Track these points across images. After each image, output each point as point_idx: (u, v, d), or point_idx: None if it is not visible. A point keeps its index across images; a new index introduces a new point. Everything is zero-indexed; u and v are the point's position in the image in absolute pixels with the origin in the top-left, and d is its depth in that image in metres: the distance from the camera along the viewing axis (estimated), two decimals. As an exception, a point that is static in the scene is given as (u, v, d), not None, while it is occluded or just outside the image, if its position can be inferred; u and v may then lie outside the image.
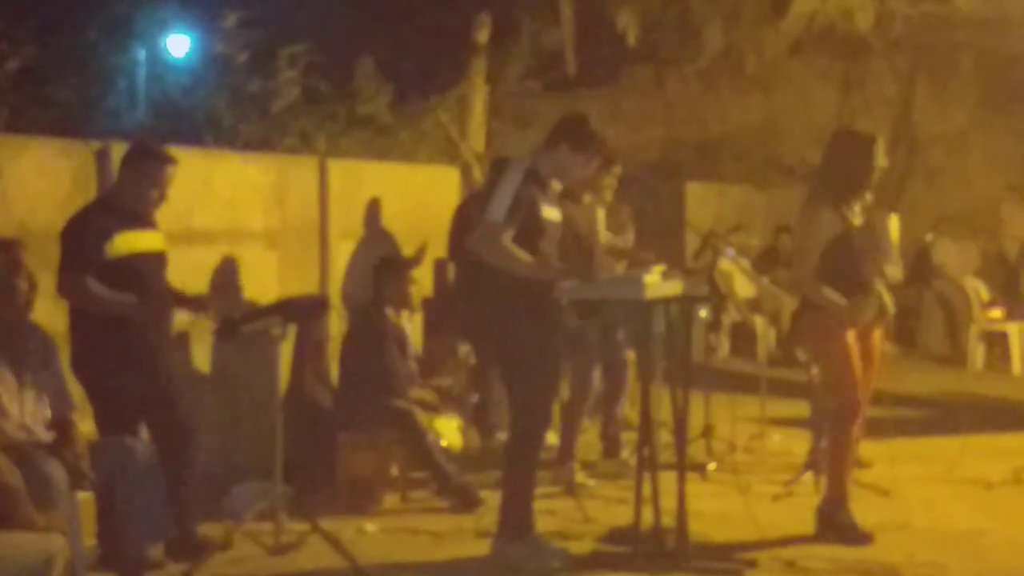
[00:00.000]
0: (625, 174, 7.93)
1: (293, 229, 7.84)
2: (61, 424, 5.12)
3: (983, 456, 7.78)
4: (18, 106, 9.10)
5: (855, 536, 6.00)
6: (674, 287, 5.81)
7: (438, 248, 8.40)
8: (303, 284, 7.73)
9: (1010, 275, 13.06)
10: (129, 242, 5.64)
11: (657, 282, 5.65)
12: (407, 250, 8.19)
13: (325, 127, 9.42)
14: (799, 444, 7.53)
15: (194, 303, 6.04)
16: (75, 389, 5.49)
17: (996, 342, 12.62)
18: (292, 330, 6.33)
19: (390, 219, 8.42)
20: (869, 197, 6.30)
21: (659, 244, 7.99)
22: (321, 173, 8.02)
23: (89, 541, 5.25)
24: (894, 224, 6.85)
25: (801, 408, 7.64)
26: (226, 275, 7.19)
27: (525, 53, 11.67)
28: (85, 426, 5.44)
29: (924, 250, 13.41)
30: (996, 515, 6.54)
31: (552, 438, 7.46)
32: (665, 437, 6.91)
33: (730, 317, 12.02)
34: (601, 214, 7.65)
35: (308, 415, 7.19)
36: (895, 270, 7.05)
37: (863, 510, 6.53)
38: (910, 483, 7.27)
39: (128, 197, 5.74)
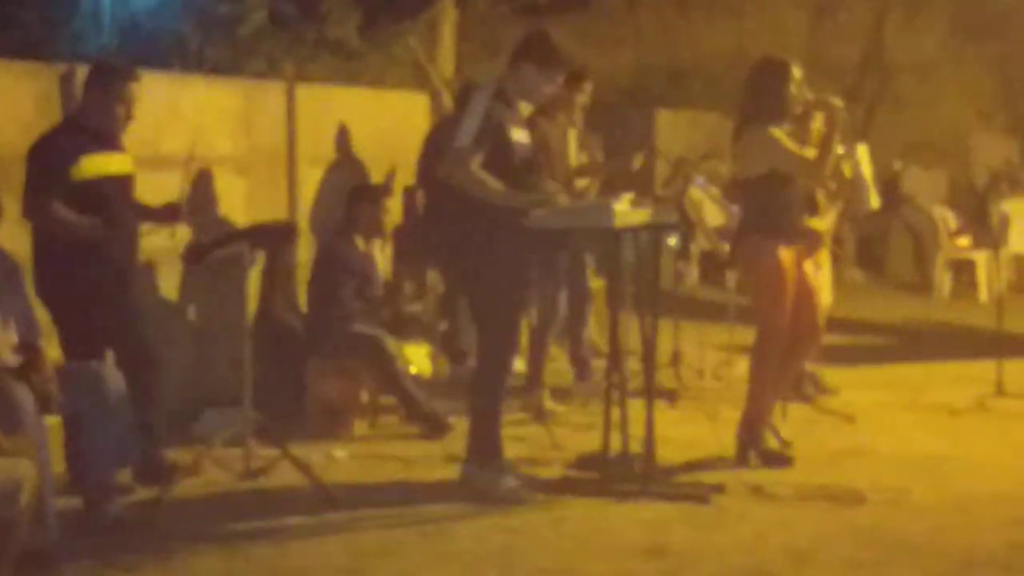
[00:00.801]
0: (595, 100, 7.89)
1: (261, 154, 7.78)
2: (28, 348, 5.09)
3: (948, 383, 7.91)
4: (-21, 29, 8.96)
5: (779, 460, 6.11)
6: (643, 215, 5.81)
7: (407, 175, 8.35)
8: (271, 210, 7.68)
9: (979, 203, 13.14)
10: (96, 165, 5.61)
11: (626, 210, 5.65)
12: (376, 176, 8.15)
13: (293, 51, 9.30)
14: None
15: (164, 213, 5.99)
16: (41, 314, 5.46)
17: (963, 270, 12.73)
18: (261, 256, 6.31)
19: (359, 145, 8.37)
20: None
21: (629, 171, 7.96)
22: (289, 98, 7.93)
23: (58, 466, 5.25)
24: (863, 154, 6.88)
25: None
26: (194, 199, 7.13)
27: (495, -23, 11.56)
28: (51, 351, 5.42)
29: (893, 178, 13.46)
30: (959, 441, 6.63)
31: (520, 365, 7.50)
32: (634, 364, 6.97)
33: (699, 245, 12.04)
34: (573, 135, 7.63)
35: (277, 341, 7.20)
36: (872, 199, 7.11)
37: (829, 435, 6.64)
38: (875, 409, 7.36)
39: (94, 117, 5.70)
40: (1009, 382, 7.38)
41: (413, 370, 7.02)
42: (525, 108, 5.86)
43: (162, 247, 6.53)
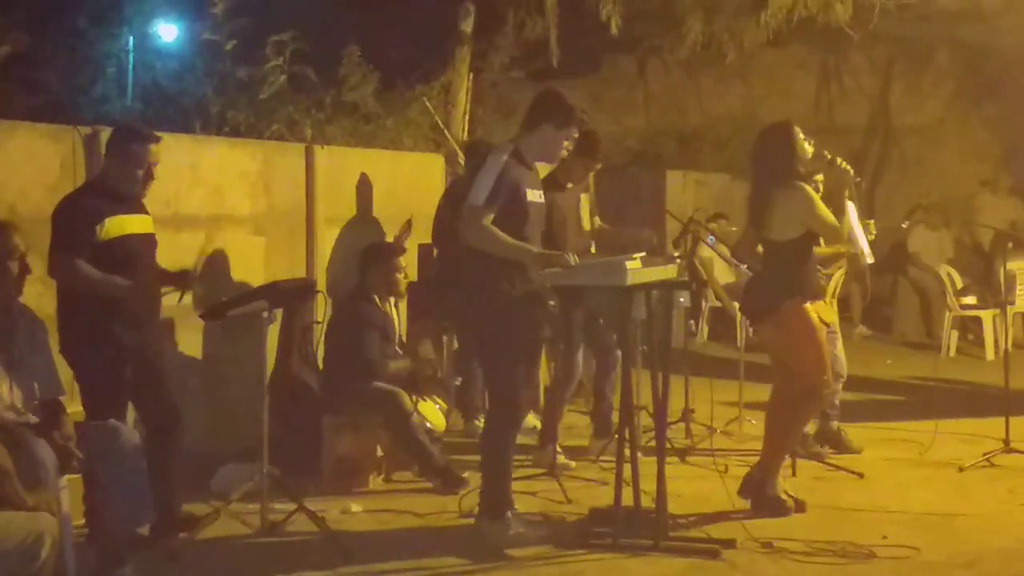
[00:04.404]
0: (606, 162, 8.01)
1: (280, 215, 7.90)
2: (50, 406, 5.18)
3: (956, 440, 7.92)
4: (7, 92, 9.12)
5: (781, 508, 6.19)
6: (655, 273, 5.90)
7: (423, 234, 8.47)
8: (290, 269, 7.78)
9: (984, 263, 13.22)
10: (120, 225, 5.68)
11: (639, 268, 5.74)
12: (392, 236, 8.26)
13: (311, 114, 9.46)
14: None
15: (178, 279, 6.10)
16: (64, 371, 5.55)
17: (970, 328, 12.79)
18: (279, 314, 6.41)
19: (376, 205, 8.49)
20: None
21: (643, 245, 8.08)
22: (307, 159, 8.07)
23: (78, 521, 5.33)
24: (851, 212, 7.04)
25: (778, 393, 7.76)
26: (213, 259, 7.26)
27: (509, 43, 11.72)
28: (73, 408, 5.51)
29: (899, 238, 13.57)
30: (967, 498, 6.67)
31: (533, 421, 7.58)
32: (645, 420, 7.04)
33: (709, 303, 12.15)
34: (586, 201, 7.74)
35: (294, 397, 7.27)
36: (867, 254, 7.24)
37: (838, 492, 6.68)
38: (884, 466, 7.41)
39: (116, 179, 5.79)
40: (1016, 439, 7.40)
41: (427, 425, 7.08)
42: (541, 169, 5.99)
43: (182, 305, 6.62)
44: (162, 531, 5.69)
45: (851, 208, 6.93)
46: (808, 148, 6.30)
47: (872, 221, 7.40)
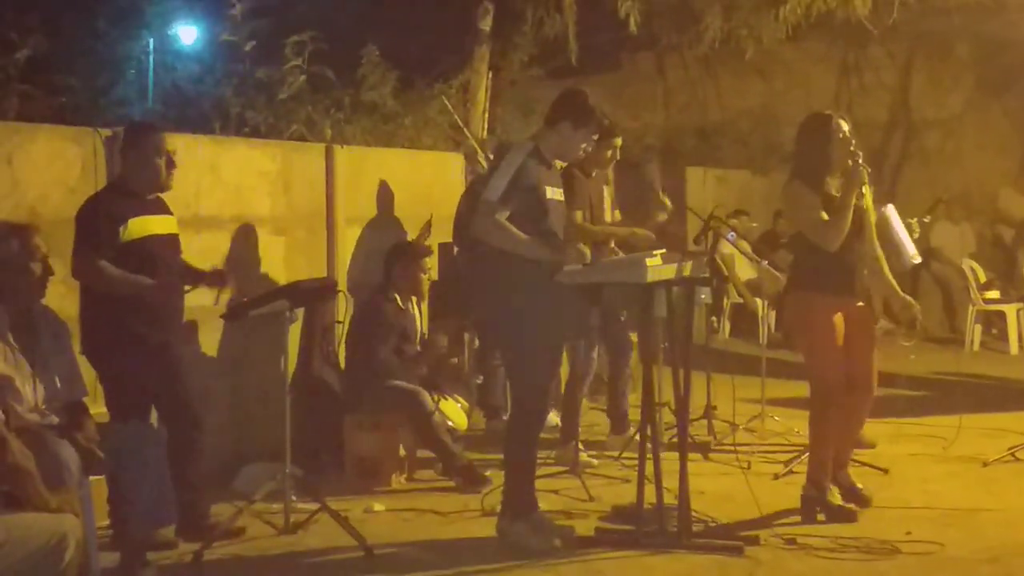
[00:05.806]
0: (625, 159, 7.99)
1: (300, 215, 7.91)
2: (73, 408, 5.20)
3: (979, 435, 7.89)
4: (28, 95, 9.16)
5: (844, 515, 6.08)
6: (675, 270, 5.87)
7: (443, 233, 8.47)
8: (310, 269, 7.79)
9: (1007, 257, 13.16)
10: (142, 226, 5.70)
11: (659, 265, 5.72)
12: (412, 234, 8.26)
13: (330, 114, 9.46)
14: (798, 424, 7.64)
15: (212, 278, 6.11)
16: (87, 373, 5.57)
17: (993, 323, 12.73)
18: (300, 313, 6.42)
19: (396, 205, 8.50)
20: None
21: (660, 228, 8.07)
22: (327, 159, 8.07)
23: (102, 522, 5.34)
24: (892, 213, 6.98)
25: (800, 389, 7.73)
26: (234, 260, 7.27)
27: (528, 41, 11.72)
28: (96, 409, 5.53)
29: (921, 232, 13.49)
30: (992, 493, 6.64)
31: (554, 418, 7.58)
32: (667, 417, 7.03)
33: (731, 299, 12.13)
34: (607, 192, 7.73)
35: (316, 397, 7.29)
36: (911, 256, 7.16)
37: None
38: (908, 461, 7.39)
39: (137, 176, 5.80)
40: (1041, 434, 7.40)
41: (449, 424, 7.09)
42: (559, 166, 5.99)
43: (203, 305, 6.64)
44: (188, 533, 5.71)
45: (892, 210, 6.90)
46: (845, 143, 6.17)
47: (915, 220, 7.35)
